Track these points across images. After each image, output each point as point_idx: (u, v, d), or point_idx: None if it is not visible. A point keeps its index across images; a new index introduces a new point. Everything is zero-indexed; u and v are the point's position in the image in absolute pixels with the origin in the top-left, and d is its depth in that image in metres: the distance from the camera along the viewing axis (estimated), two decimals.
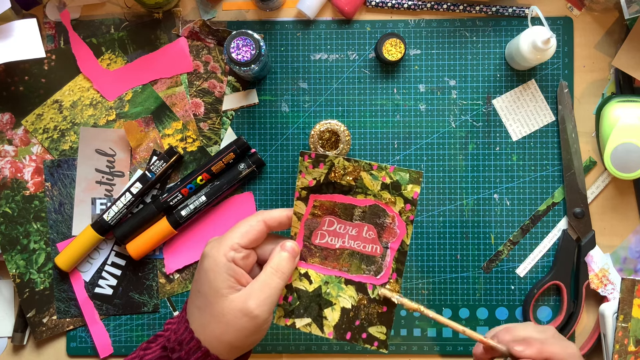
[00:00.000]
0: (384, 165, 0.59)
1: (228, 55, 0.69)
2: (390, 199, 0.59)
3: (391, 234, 0.60)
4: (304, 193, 0.59)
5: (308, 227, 0.60)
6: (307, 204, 0.60)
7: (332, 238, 0.60)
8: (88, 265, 0.78)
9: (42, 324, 0.77)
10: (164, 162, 0.75)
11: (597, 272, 0.75)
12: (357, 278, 0.60)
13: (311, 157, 0.59)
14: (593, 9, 0.77)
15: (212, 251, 0.57)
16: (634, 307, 0.73)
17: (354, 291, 0.60)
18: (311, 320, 0.60)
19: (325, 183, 0.59)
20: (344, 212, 0.60)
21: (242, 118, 0.78)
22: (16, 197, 0.78)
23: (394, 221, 0.59)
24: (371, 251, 0.60)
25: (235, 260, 0.56)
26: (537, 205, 0.77)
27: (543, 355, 0.55)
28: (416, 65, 0.77)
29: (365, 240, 0.60)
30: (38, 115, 0.78)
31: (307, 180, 0.59)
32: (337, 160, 0.59)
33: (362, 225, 0.60)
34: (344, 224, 0.60)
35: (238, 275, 0.56)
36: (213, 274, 0.56)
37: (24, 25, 0.73)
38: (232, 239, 0.57)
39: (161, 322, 0.78)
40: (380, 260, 0.60)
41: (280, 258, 0.58)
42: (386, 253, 0.60)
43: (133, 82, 0.78)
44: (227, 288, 0.55)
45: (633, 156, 0.70)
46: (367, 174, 0.59)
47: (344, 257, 0.60)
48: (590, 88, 0.77)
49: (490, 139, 0.77)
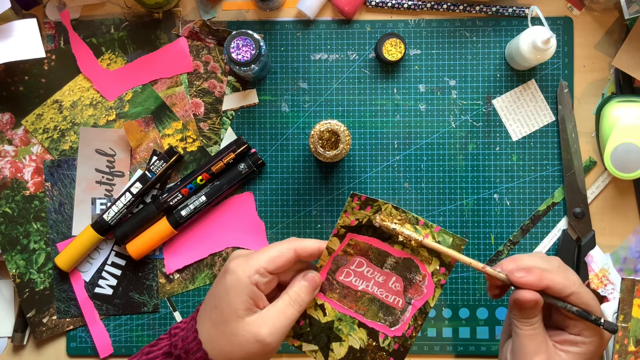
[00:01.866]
0: (430, 224, 0.58)
1: (228, 55, 0.69)
2: (427, 258, 0.58)
3: (417, 291, 0.59)
4: (343, 231, 0.58)
5: (336, 262, 0.59)
6: (342, 241, 0.59)
7: (357, 279, 0.59)
8: (88, 265, 0.78)
9: (42, 324, 0.77)
10: (164, 162, 0.75)
11: (597, 272, 0.75)
12: (371, 324, 0.59)
13: (360, 200, 0.58)
14: (593, 9, 0.77)
15: (237, 269, 0.56)
16: (634, 307, 0.73)
17: (365, 335, 0.59)
18: (318, 349, 0.59)
19: (367, 225, 0.58)
20: (377, 257, 0.59)
21: (242, 118, 0.78)
22: (16, 197, 0.78)
23: (424, 280, 0.58)
24: (393, 302, 0.59)
25: (258, 284, 0.55)
26: (537, 205, 0.77)
27: (543, 282, 0.54)
28: (416, 65, 0.77)
29: (390, 291, 0.59)
30: (38, 115, 0.78)
31: (349, 220, 0.58)
32: (385, 206, 0.58)
33: (391, 275, 0.59)
34: (373, 269, 0.59)
35: (257, 298, 0.56)
36: (234, 293, 0.55)
37: (24, 25, 0.73)
38: (259, 262, 0.56)
39: (161, 322, 0.78)
40: (399, 314, 0.59)
41: (300, 287, 0.57)
42: (407, 308, 0.59)
43: (133, 82, 0.78)
44: (244, 310, 0.55)
45: (633, 156, 0.70)
46: (411, 226, 0.58)
47: (364, 300, 0.59)
48: (590, 88, 0.77)
49: (490, 139, 0.77)
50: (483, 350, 0.77)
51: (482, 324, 0.77)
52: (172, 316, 0.78)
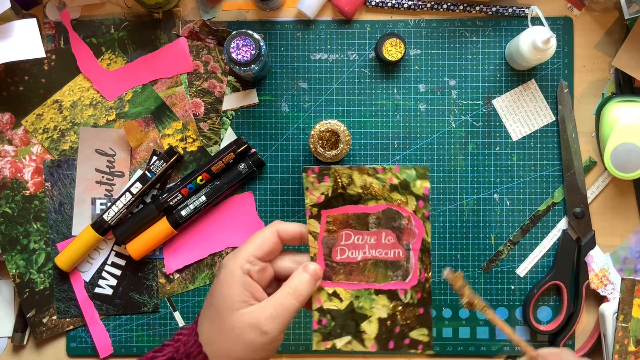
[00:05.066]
0: (388, 167, 0.57)
1: (228, 55, 0.69)
2: (401, 200, 0.58)
3: (410, 234, 0.58)
4: (315, 210, 0.58)
5: (326, 245, 0.58)
6: (320, 221, 0.58)
7: (353, 251, 0.58)
8: (88, 265, 0.78)
9: (42, 324, 0.77)
10: (164, 162, 0.75)
11: (597, 272, 0.75)
12: (386, 286, 0.58)
13: (315, 172, 0.57)
14: (593, 9, 0.77)
15: (228, 263, 0.56)
16: (634, 307, 0.73)
17: (386, 299, 0.58)
18: (351, 338, 0.58)
19: (334, 196, 0.58)
20: (359, 222, 0.58)
21: (242, 118, 0.78)
22: (16, 197, 0.78)
23: (410, 221, 0.58)
24: (394, 256, 0.58)
25: (250, 273, 0.55)
26: (537, 205, 0.77)
27: None
28: (416, 65, 0.77)
29: (386, 247, 0.58)
30: (38, 115, 0.78)
31: (315, 197, 0.58)
32: (340, 170, 0.58)
33: (380, 232, 0.58)
34: (362, 235, 0.58)
35: (253, 289, 0.55)
36: (227, 286, 0.55)
37: (24, 25, 0.73)
38: (247, 251, 0.56)
39: (161, 322, 0.78)
40: (405, 264, 0.58)
41: (300, 279, 0.56)
42: (409, 255, 0.58)
43: (133, 82, 0.78)
44: (240, 302, 0.54)
45: (633, 156, 0.70)
46: (373, 178, 0.58)
47: (368, 267, 0.58)
48: (590, 88, 0.77)
49: (490, 139, 0.77)
50: (483, 350, 0.77)
51: (482, 324, 0.77)
52: (172, 316, 0.78)
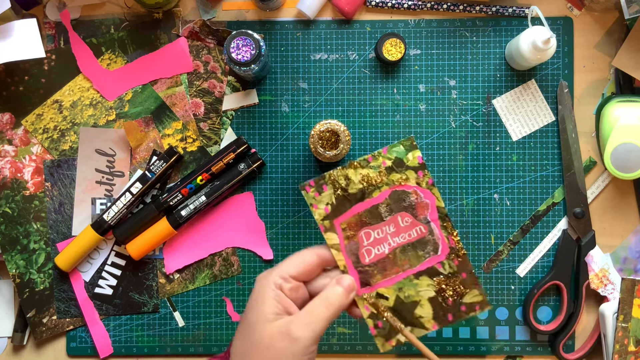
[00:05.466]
0: (376, 153, 0.58)
1: (228, 55, 0.69)
2: (401, 178, 0.58)
3: (423, 207, 0.58)
4: (327, 223, 0.58)
5: (351, 252, 0.58)
6: (336, 231, 0.58)
7: (378, 247, 0.58)
8: (88, 265, 0.78)
9: (42, 324, 0.77)
10: (164, 162, 0.75)
11: (597, 272, 0.75)
12: (422, 266, 0.58)
13: (312, 186, 0.57)
14: (593, 9, 0.77)
15: (261, 279, 0.56)
16: (634, 307, 0.73)
17: (428, 279, 0.58)
18: (411, 327, 0.59)
19: (339, 202, 0.58)
20: (372, 216, 0.58)
21: (242, 118, 0.78)
22: (16, 197, 0.78)
23: (418, 195, 0.58)
24: (418, 234, 0.58)
25: (282, 288, 0.55)
26: (537, 205, 0.77)
27: None
28: (416, 65, 0.77)
29: (406, 229, 0.58)
30: (38, 115, 0.78)
31: (322, 210, 0.58)
32: (334, 173, 0.58)
33: (395, 217, 0.58)
34: (379, 228, 0.58)
35: (286, 303, 0.55)
36: (261, 299, 0.54)
37: (24, 25, 0.73)
38: (282, 268, 0.56)
39: (161, 322, 0.78)
40: (431, 237, 0.58)
41: (332, 291, 0.56)
42: (431, 227, 0.58)
43: (133, 82, 0.78)
44: (272, 314, 0.54)
45: (633, 156, 0.70)
46: (367, 169, 0.58)
47: (398, 256, 0.58)
48: (590, 88, 0.77)
49: (490, 139, 0.77)
50: (483, 350, 0.77)
51: (482, 324, 0.77)
52: (172, 316, 0.78)
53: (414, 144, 0.58)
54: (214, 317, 0.78)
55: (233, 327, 0.78)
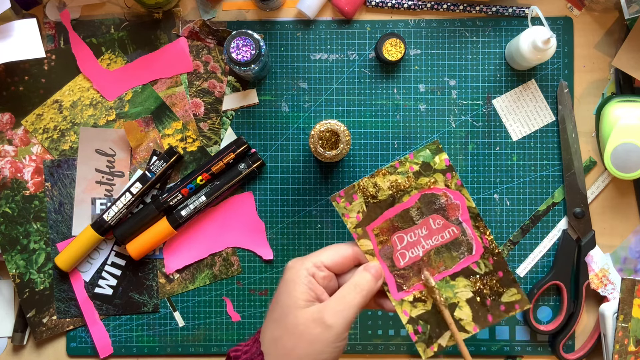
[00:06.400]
0: (403, 158, 0.58)
1: (228, 55, 0.69)
2: (430, 181, 0.58)
3: (454, 209, 0.59)
4: (360, 230, 0.58)
5: (385, 256, 0.59)
6: (369, 237, 0.59)
7: (412, 250, 0.59)
8: (88, 265, 0.78)
9: (42, 324, 0.77)
10: (164, 162, 0.75)
11: (597, 272, 0.75)
12: (458, 267, 0.59)
13: (342, 196, 0.58)
14: (593, 9, 0.77)
15: (295, 264, 0.56)
16: (634, 307, 0.73)
17: (464, 280, 0.59)
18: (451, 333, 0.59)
19: (370, 209, 0.59)
20: (403, 221, 0.59)
21: (242, 118, 0.78)
22: (16, 197, 0.78)
23: (447, 197, 0.58)
24: (451, 236, 0.59)
25: (315, 275, 0.55)
26: (537, 205, 0.77)
27: None
28: (416, 65, 0.77)
29: (439, 231, 0.59)
30: (38, 115, 0.78)
31: (354, 218, 0.58)
32: (362, 182, 0.58)
33: (426, 220, 0.59)
34: (412, 231, 0.59)
35: (318, 291, 0.55)
36: (293, 285, 0.55)
37: (24, 25, 0.73)
38: (317, 257, 0.57)
39: (161, 322, 0.78)
40: (464, 238, 0.59)
41: (361, 276, 0.56)
42: (464, 228, 0.59)
43: (133, 82, 0.78)
44: (304, 300, 0.54)
45: (633, 156, 0.70)
46: (395, 175, 0.58)
47: (433, 258, 0.59)
48: (590, 88, 0.77)
49: (490, 139, 0.77)
50: (483, 350, 0.77)
51: None
52: (172, 316, 0.78)
53: (440, 147, 0.58)
54: (214, 317, 0.78)
55: (233, 327, 0.78)
